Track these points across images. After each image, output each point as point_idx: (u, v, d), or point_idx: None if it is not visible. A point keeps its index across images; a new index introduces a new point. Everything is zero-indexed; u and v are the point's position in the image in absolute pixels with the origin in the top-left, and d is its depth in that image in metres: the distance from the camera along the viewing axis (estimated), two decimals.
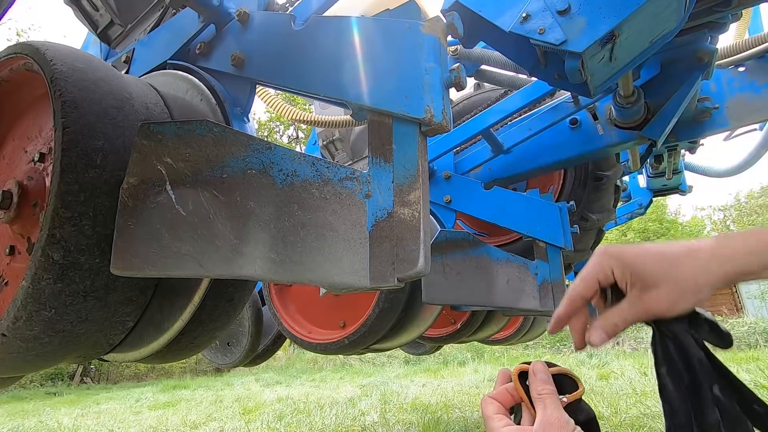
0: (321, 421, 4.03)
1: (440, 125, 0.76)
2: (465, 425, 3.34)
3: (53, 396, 11.26)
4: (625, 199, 3.91)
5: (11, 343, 0.76)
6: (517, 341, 3.78)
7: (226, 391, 8.57)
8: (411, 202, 0.73)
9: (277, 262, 0.73)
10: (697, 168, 3.63)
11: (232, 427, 4.28)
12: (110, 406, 7.45)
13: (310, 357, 14.28)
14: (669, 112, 1.76)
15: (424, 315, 2.07)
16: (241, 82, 1.06)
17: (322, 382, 8.93)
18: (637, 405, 3.41)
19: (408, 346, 3.26)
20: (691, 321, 0.59)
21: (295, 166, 0.77)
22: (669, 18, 1.19)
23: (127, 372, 16.13)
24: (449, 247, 1.57)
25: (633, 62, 1.31)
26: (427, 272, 0.71)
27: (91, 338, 0.85)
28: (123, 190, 0.73)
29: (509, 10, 1.26)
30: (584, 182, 2.40)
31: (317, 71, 0.90)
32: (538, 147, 2.14)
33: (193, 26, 1.11)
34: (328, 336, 2.06)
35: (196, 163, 0.74)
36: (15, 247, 0.89)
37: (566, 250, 1.92)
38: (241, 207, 0.74)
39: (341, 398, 5.63)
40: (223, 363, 2.61)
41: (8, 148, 1.01)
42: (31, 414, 7.13)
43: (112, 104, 0.82)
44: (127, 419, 5.64)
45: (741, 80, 1.96)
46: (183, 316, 0.90)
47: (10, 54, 0.91)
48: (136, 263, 0.70)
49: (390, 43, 0.82)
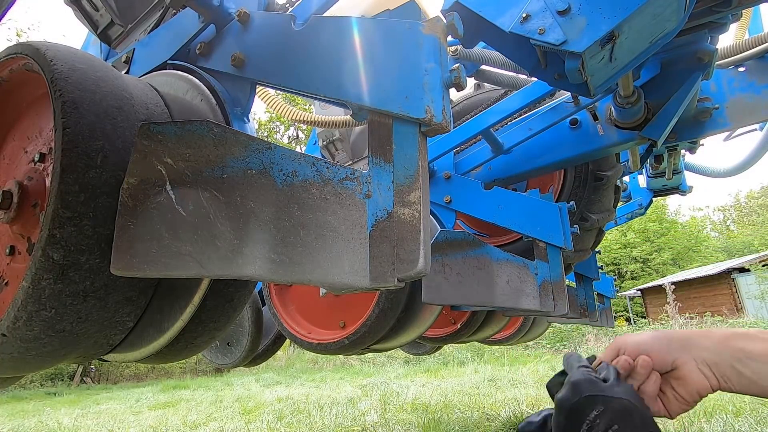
0: (321, 421, 4.03)
1: (440, 125, 0.76)
2: (465, 425, 3.34)
3: (53, 396, 11.26)
4: (625, 199, 3.91)
5: (11, 344, 0.76)
6: (517, 341, 3.78)
7: (226, 391, 8.57)
8: (411, 202, 0.73)
9: (277, 262, 0.73)
10: (697, 168, 3.62)
11: (232, 427, 4.28)
12: (110, 406, 7.45)
13: (310, 357, 14.28)
14: (669, 112, 1.76)
15: (424, 315, 2.06)
16: (241, 82, 1.05)
17: (322, 383, 8.93)
18: None
19: (408, 347, 3.26)
20: None
21: (295, 166, 0.77)
22: (669, 18, 1.18)
23: (127, 372, 16.12)
24: (449, 247, 1.57)
25: (633, 62, 1.31)
26: (427, 272, 0.71)
27: (91, 338, 0.85)
28: (123, 190, 0.73)
29: (509, 11, 1.25)
30: (584, 182, 2.40)
31: (317, 71, 0.90)
32: (538, 147, 2.13)
33: (193, 26, 1.11)
34: (328, 336, 2.06)
35: (197, 163, 0.74)
36: (15, 247, 0.89)
37: (566, 251, 1.92)
38: (241, 207, 0.74)
39: (341, 398, 5.63)
40: (223, 363, 2.61)
41: (8, 148, 1.01)
42: (31, 414, 7.13)
43: (113, 104, 0.82)
44: (127, 419, 5.64)
45: (741, 80, 1.96)
46: (183, 317, 0.90)
47: (10, 54, 0.91)
48: (136, 263, 0.70)
49: (390, 44, 0.82)
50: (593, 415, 0.63)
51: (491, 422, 3.34)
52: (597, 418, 0.62)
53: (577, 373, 0.71)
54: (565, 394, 0.69)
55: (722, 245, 34.07)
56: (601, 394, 0.64)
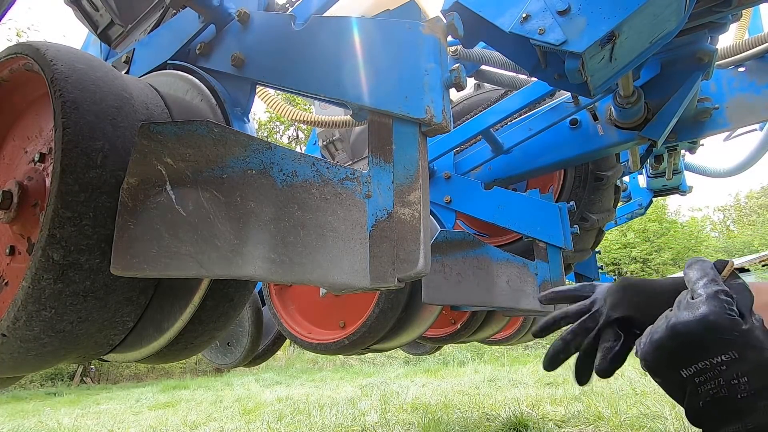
0: (321, 422, 4.03)
1: (440, 125, 0.76)
2: (465, 425, 3.34)
3: (53, 396, 11.25)
4: (625, 199, 3.91)
5: (11, 344, 0.76)
6: (517, 341, 3.78)
7: (226, 391, 8.57)
8: (411, 203, 0.73)
9: (277, 262, 0.73)
10: (697, 168, 3.63)
11: (232, 427, 4.28)
12: (110, 406, 7.44)
13: (310, 357, 14.28)
14: (669, 112, 1.76)
15: (424, 315, 2.06)
16: (241, 83, 1.06)
17: (322, 383, 8.93)
18: (637, 405, 3.40)
19: (408, 347, 3.26)
20: None
21: (295, 166, 0.77)
22: (669, 18, 1.19)
23: (127, 372, 16.12)
24: (449, 247, 1.57)
25: (633, 62, 1.31)
26: (427, 272, 0.71)
27: (91, 338, 0.85)
28: (123, 190, 0.73)
29: (509, 11, 1.26)
30: (584, 182, 2.40)
31: (317, 71, 0.90)
32: (538, 147, 2.14)
33: (193, 26, 1.11)
34: (328, 336, 2.06)
35: (197, 164, 0.74)
36: (15, 247, 0.89)
37: (566, 251, 1.92)
38: (241, 207, 0.74)
39: (341, 398, 5.62)
40: (223, 363, 2.61)
41: (8, 148, 1.01)
42: (31, 414, 7.13)
43: (113, 104, 0.82)
44: (126, 419, 5.64)
45: (741, 80, 1.96)
46: (183, 317, 0.90)
47: (10, 54, 0.91)
48: (136, 263, 0.70)
49: (390, 44, 0.82)
50: (721, 359, 0.53)
51: (491, 422, 3.34)
52: (725, 364, 0.53)
53: (714, 303, 0.55)
54: (691, 324, 0.55)
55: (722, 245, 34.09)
56: (741, 339, 0.53)
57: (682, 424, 2.79)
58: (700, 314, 0.55)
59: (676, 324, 0.56)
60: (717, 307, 0.55)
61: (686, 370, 0.55)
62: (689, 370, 0.55)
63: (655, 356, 0.58)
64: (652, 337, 0.58)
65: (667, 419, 2.83)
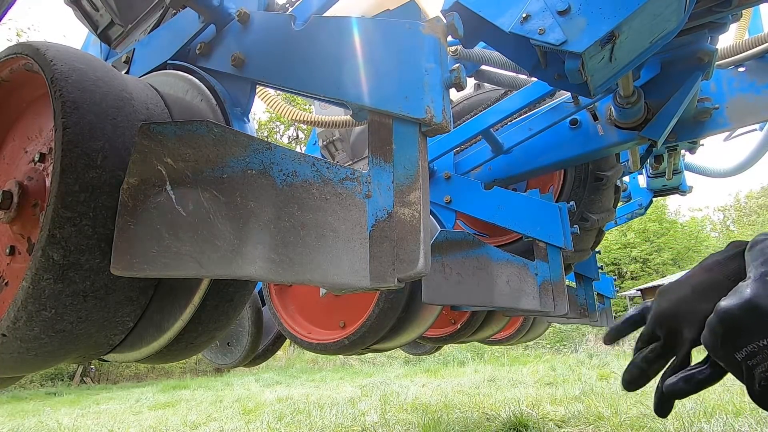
0: (321, 422, 4.03)
1: (440, 125, 0.76)
2: (465, 425, 3.34)
3: (53, 396, 11.26)
4: (625, 199, 3.91)
5: (11, 344, 0.76)
6: (517, 341, 3.78)
7: (226, 391, 8.57)
8: (411, 203, 0.73)
9: (277, 262, 0.73)
10: (697, 168, 3.63)
11: (232, 427, 4.28)
12: (110, 406, 7.44)
13: (310, 357, 14.29)
14: (669, 112, 1.76)
15: (424, 315, 2.06)
16: (241, 83, 1.06)
17: (322, 383, 8.93)
18: (637, 405, 3.41)
19: (408, 347, 3.26)
20: None
21: (295, 166, 0.77)
22: (669, 18, 1.19)
23: (127, 372, 16.12)
24: (449, 247, 1.57)
25: (633, 62, 1.31)
26: (427, 272, 0.71)
27: (91, 338, 0.85)
28: (123, 190, 0.73)
29: (509, 11, 1.26)
30: (584, 182, 2.40)
31: (317, 71, 0.90)
32: (538, 147, 2.14)
33: (193, 26, 1.11)
34: (328, 336, 2.06)
35: (197, 164, 0.74)
36: (15, 247, 0.89)
37: (566, 251, 1.92)
38: (241, 207, 0.74)
39: (341, 398, 5.63)
40: (223, 363, 2.61)
41: (8, 148, 1.01)
42: (31, 414, 7.13)
43: (113, 104, 0.82)
44: (127, 419, 5.64)
45: (741, 80, 1.96)
46: (183, 317, 0.90)
47: (10, 54, 0.91)
48: (136, 263, 0.70)
49: (390, 44, 0.82)
50: (764, 343, 0.53)
51: (491, 422, 3.34)
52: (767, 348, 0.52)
53: (758, 286, 0.55)
54: (733, 309, 0.54)
55: (722, 245, 34.10)
56: None
57: (682, 424, 2.79)
58: (745, 297, 0.54)
59: (721, 309, 0.56)
60: (762, 290, 0.54)
61: (739, 354, 0.55)
62: (741, 354, 0.55)
63: (710, 341, 0.58)
64: (707, 323, 0.59)
65: (667, 419, 2.83)
